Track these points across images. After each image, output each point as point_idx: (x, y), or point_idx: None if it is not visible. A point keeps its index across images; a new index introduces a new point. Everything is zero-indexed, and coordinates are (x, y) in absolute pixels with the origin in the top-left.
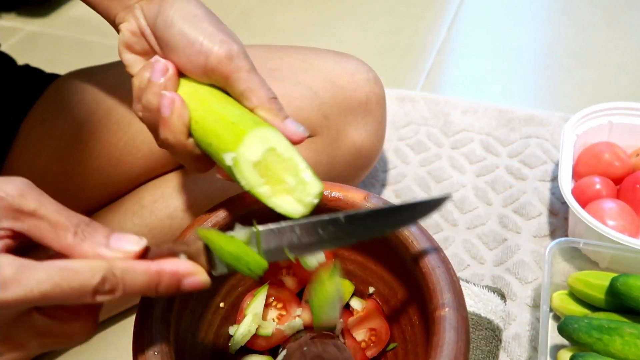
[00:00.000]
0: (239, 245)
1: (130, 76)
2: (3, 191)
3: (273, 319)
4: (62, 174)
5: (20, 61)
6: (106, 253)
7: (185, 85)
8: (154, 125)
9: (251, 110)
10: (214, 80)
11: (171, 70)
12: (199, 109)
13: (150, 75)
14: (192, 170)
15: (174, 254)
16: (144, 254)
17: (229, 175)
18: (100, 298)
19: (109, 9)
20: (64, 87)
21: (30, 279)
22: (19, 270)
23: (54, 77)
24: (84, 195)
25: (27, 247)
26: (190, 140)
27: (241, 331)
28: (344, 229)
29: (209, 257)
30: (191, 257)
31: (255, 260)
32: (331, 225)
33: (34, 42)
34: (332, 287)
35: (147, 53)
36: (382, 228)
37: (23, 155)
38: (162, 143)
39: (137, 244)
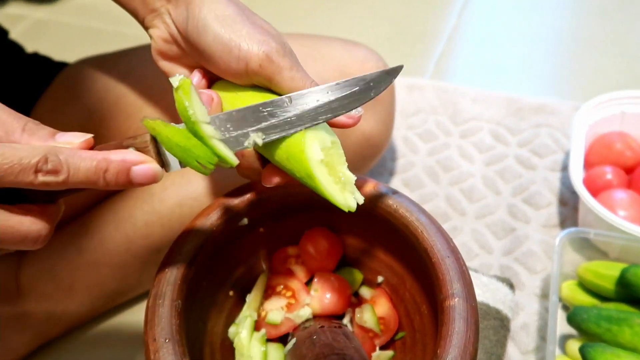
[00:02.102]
0: (187, 136)
1: (129, 67)
2: None
3: (282, 308)
4: None
5: (29, 48)
6: (52, 144)
7: (228, 97)
8: None
9: None
10: (256, 82)
11: (215, 98)
12: None
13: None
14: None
15: (121, 147)
16: (91, 150)
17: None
18: (42, 177)
19: (136, 11)
20: (73, 75)
21: None
22: None
23: (62, 65)
24: None
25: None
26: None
27: (238, 320)
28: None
29: (159, 151)
30: (140, 150)
31: (205, 152)
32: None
33: (41, 29)
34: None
35: (182, 58)
36: (333, 109)
37: None
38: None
39: (82, 136)
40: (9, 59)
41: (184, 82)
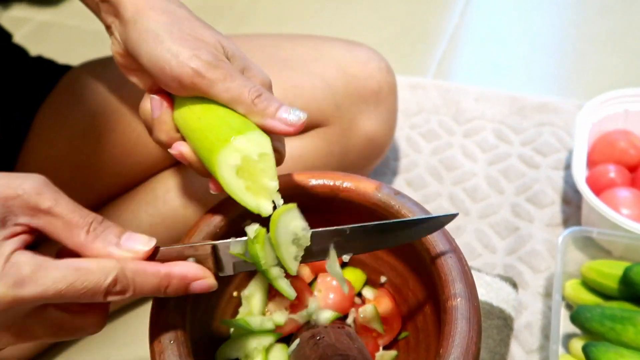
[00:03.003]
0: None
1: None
2: (21, 189)
3: (286, 309)
4: (76, 164)
5: (32, 51)
6: (117, 252)
7: (176, 114)
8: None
9: (244, 116)
10: (199, 95)
11: (164, 104)
12: (191, 132)
13: (152, 113)
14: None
15: (183, 257)
16: (154, 253)
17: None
18: (111, 298)
19: (103, 22)
20: (77, 78)
21: (46, 277)
22: (35, 268)
23: (66, 68)
24: (99, 185)
25: (41, 239)
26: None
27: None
28: (349, 240)
29: (216, 259)
30: (199, 260)
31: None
32: (337, 235)
33: (45, 32)
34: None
35: (139, 71)
36: (387, 242)
37: (38, 147)
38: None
39: (146, 244)
40: (14, 62)
41: (259, 233)
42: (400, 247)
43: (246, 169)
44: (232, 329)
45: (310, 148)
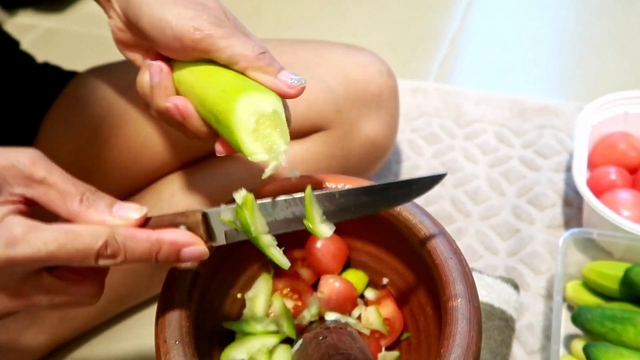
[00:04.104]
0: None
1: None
2: (16, 159)
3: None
4: (82, 169)
5: (39, 57)
6: (109, 219)
7: (176, 75)
8: (176, 126)
9: (242, 73)
10: (199, 57)
11: (164, 68)
12: (192, 99)
13: (150, 80)
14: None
15: (174, 224)
16: (145, 223)
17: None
18: (102, 262)
19: (100, 3)
20: (83, 84)
21: (37, 238)
22: (27, 230)
23: (72, 74)
24: (105, 189)
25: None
26: (210, 130)
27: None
28: (340, 204)
29: (208, 228)
30: (190, 228)
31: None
32: (326, 200)
33: (51, 38)
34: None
35: (138, 44)
36: (377, 205)
37: (45, 152)
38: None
39: (138, 211)
40: (21, 69)
41: (247, 198)
42: (402, 248)
43: (259, 125)
44: (236, 331)
45: (312, 152)
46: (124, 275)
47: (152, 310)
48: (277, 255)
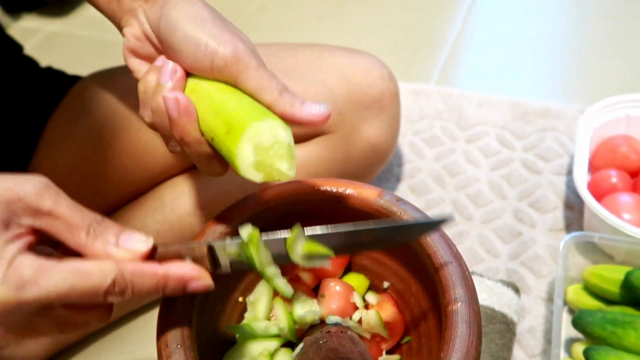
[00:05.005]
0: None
1: (137, 81)
2: (22, 191)
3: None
4: (86, 173)
5: (42, 61)
6: (115, 252)
7: (192, 84)
8: (165, 129)
9: (267, 107)
10: (223, 80)
11: (179, 72)
12: (204, 106)
13: (159, 78)
14: (207, 173)
15: (179, 256)
16: (152, 252)
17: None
18: (110, 299)
19: (114, 12)
20: (86, 88)
21: (47, 281)
22: (37, 272)
23: (76, 78)
24: (108, 193)
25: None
26: (202, 139)
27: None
28: (344, 241)
29: (213, 259)
30: (196, 259)
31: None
32: (324, 239)
33: (54, 42)
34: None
35: (153, 57)
36: (377, 244)
37: (48, 156)
38: (172, 148)
39: (144, 243)
40: (25, 73)
41: (252, 236)
42: (402, 252)
43: (264, 152)
44: (237, 334)
45: (313, 155)
46: None
47: (154, 314)
48: (281, 286)
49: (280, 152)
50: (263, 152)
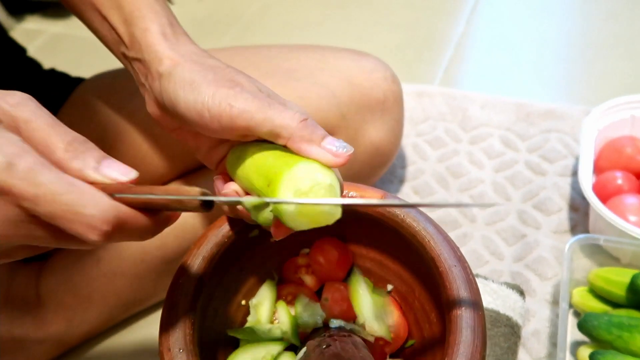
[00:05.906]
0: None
1: (138, 83)
2: (4, 100)
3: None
4: None
5: (46, 63)
6: (92, 176)
7: (237, 151)
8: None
9: (286, 145)
10: (242, 136)
11: (239, 191)
12: (249, 170)
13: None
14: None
15: (166, 207)
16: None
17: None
18: (97, 238)
19: (137, 81)
20: (89, 90)
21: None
22: (29, 157)
23: (79, 80)
24: None
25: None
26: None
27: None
28: None
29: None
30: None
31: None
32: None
33: (57, 44)
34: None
35: (178, 128)
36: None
37: None
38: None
39: (125, 174)
40: (28, 76)
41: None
42: (405, 255)
43: (304, 196)
44: (240, 338)
45: None
46: (129, 280)
47: (157, 316)
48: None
49: (320, 194)
50: (304, 197)
